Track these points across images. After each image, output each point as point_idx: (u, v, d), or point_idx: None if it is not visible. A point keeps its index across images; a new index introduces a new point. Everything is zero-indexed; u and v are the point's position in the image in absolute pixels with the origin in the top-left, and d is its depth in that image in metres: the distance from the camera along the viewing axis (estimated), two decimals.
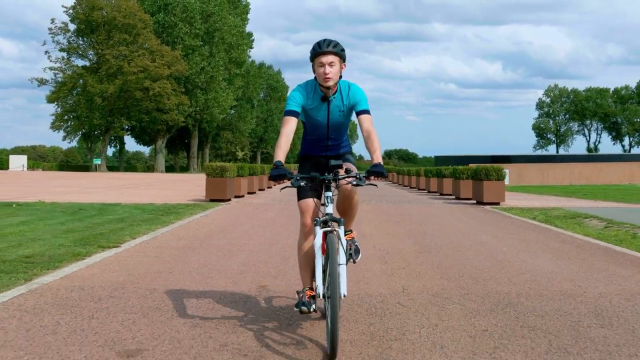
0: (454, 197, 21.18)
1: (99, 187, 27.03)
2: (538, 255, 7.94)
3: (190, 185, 31.15)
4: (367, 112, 4.11)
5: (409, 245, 8.81)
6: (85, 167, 73.07)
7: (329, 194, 3.94)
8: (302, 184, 3.89)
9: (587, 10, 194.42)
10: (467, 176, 19.24)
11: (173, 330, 4.20)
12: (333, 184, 3.98)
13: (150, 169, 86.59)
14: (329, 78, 3.97)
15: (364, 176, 3.84)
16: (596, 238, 9.88)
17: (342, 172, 4.04)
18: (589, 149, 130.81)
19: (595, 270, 6.83)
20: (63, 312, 4.64)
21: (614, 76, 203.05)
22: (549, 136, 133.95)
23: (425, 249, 8.37)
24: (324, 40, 4.05)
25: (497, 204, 17.33)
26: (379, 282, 5.95)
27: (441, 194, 24.10)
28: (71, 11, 61.46)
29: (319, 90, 4.10)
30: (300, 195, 4.18)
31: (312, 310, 3.94)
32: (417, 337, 4.11)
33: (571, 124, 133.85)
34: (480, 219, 13.20)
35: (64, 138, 66.32)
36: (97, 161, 62.80)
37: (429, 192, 27.21)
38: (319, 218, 3.89)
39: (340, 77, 4.10)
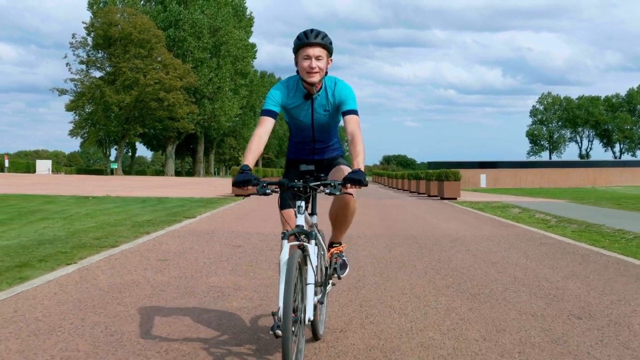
0: (426, 194, 26.38)
1: (134, 187, 32.07)
2: (451, 222, 13.07)
3: (208, 186, 36.24)
4: (353, 112, 3.72)
5: (375, 218, 13.93)
6: (99, 171, 78.15)
7: (301, 203, 3.50)
8: (267, 191, 3.39)
9: (585, 17, 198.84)
10: (434, 178, 24.39)
11: (251, 241, 9.30)
12: (303, 192, 3.49)
13: (158, 172, 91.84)
14: (314, 73, 3.62)
15: (339, 184, 3.39)
16: (500, 217, 15.01)
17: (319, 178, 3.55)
18: (580, 156, 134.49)
19: (474, 227, 11.97)
20: (195, 237, 9.73)
21: (612, 83, 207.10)
22: (542, 143, 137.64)
23: (384, 219, 13.49)
24: (311, 30, 3.65)
25: (455, 199, 22.54)
26: (349, 231, 11.04)
27: (418, 193, 29.31)
28: (90, 27, 66.79)
29: (302, 87, 3.75)
30: (282, 205, 3.81)
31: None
32: (361, 244, 9.21)
33: (564, 131, 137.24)
34: (432, 207, 18.38)
35: (82, 144, 71.63)
36: (114, 165, 68.13)
37: (410, 192, 32.43)
38: (287, 231, 3.47)
39: (326, 73, 3.75)
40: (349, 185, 3.36)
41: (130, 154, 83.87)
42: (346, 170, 3.86)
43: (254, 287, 5.79)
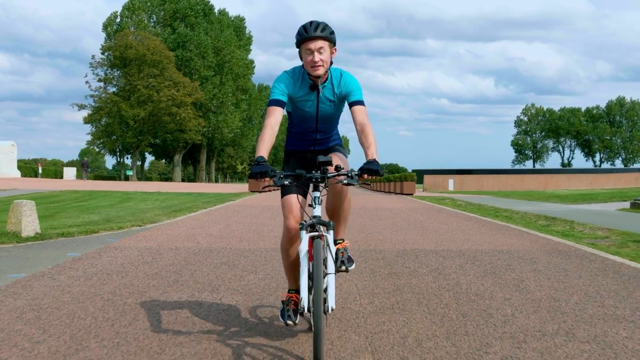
0: (393, 192, 34.36)
1: (164, 188, 39.66)
2: (392, 203, 20.95)
3: (221, 188, 43.97)
4: (361, 103, 3.72)
5: None
6: (113, 177, 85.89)
7: (317, 194, 3.54)
8: (285, 182, 3.48)
9: (577, 28, 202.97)
10: (398, 180, 32.33)
11: (276, 209, 17.13)
12: (321, 183, 3.55)
13: (162, 179, 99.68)
14: (318, 66, 3.61)
15: (356, 174, 3.43)
16: (431, 202, 22.89)
17: (331, 169, 3.61)
18: (562, 164, 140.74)
19: (404, 205, 19.85)
20: (242, 207, 17.54)
21: (604, 93, 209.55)
22: (526, 152, 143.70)
23: (353, 203, 21.37)
24: (311, 23, 3.64)
25: (411, 194, 30.49)
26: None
27: (389, 192, 37.30)
28: (107, 49, 74.87)
29: (307, 78, 3.73)
30: (284, 192, 3.80)
31: (296, 323, 3.72)
32: None
33: (547, 141, 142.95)
34: (388, 197, 26.25)
35: (98, 153, 79.50)
36: (130, 172, 76.00)
37: (384, 191, 40.45)
38: (305, 221, 3.53)
39: (331, 63, 3.72)
40: (365, 175, 3.40)
41: (140, 162, 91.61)
42: (340, 156, 3.92)
43: None
